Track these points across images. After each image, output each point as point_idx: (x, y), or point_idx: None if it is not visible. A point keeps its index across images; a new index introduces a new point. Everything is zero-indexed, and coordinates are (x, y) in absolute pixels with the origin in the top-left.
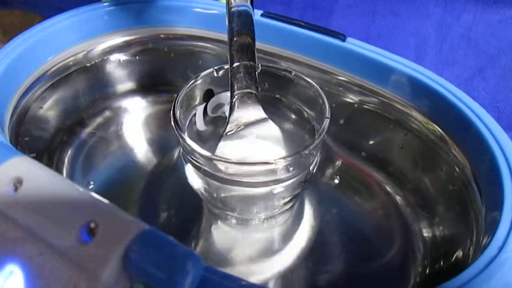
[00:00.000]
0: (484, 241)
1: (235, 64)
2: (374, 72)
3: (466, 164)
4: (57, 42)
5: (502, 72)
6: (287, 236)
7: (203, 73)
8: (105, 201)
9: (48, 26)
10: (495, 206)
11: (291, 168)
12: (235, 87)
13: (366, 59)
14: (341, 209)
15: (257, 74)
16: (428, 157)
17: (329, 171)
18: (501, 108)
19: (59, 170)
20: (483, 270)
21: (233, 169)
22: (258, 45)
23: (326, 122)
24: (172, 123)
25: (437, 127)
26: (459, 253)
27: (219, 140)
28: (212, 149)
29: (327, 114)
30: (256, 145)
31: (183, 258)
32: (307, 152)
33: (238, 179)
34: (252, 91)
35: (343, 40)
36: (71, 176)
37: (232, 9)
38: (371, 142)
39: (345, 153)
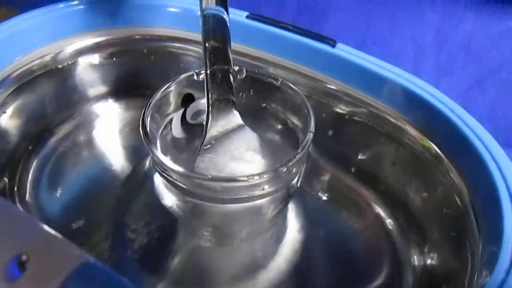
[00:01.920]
0: (481, 278)
1: (209, 69)
2: (364, 81)
3: (463, 187)
4: (23, 42)
5: (501, 86)
6: (268, 256)
7: (181, 77)
8: (42, 227)
9: (14, 24)
10: (493, 238)
11: (270, 184)
12: (211, 93)
13: (356, 67)
14: (327, 228)
15: (239, 80)
16: (422, 176)
17: (316, 186)
18: (499, 123)
19: (22, 180)
20: None
21: (208, 185)
22: (243, 48)
23: (310, 136)
24: (141, 132)
25: (432, 144)
26: None
27: (196, 152)
28: (188, 159)
29: (311, 127)
30: (234, 157)
31: None
32: (286, 168)
33: (214, 196)
34: (229, 97)
35: (333, 46)
36: (36, 186)
37: (205, 12)
38: (361, 157)
39: (333, 167)
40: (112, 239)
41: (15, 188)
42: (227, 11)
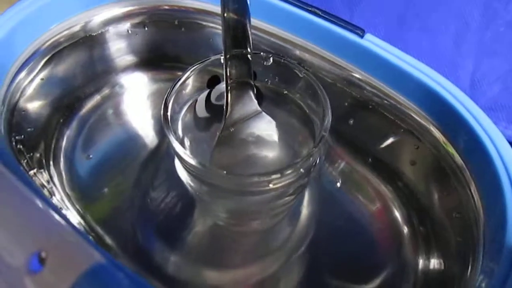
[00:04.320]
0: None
1: (229, 54)
2: (389, 75)
3: (478, 200)
4: (56, 11)
5: None
6: (279, 239)
7: (211, 58)
8: (62, 224)
9: None
10: (494, 256)
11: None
12: (230, 77)
13: (382, 60)
14: (338, 215)
15: (265, 66)
16: (439, 179)
17: (331, 172)
18: None
19: (58, 145)
20: None
21: (223, 180)
22: (271, 28)
23: (323, 137)
24: (162, 117)
25: (455, 152)
26: None
27: (216, 134)
28: (209, 140)
29: (324, 129)
30: (252, 145)
31: None
32: (301, 163)
33: (230, 188)
34: (247, 81)
35: (361, 36)
36: (71, 150)
37: None
38: (379, 149)
39: (351, 156)
40: (132, 208)
41: (50, 158)
42: None
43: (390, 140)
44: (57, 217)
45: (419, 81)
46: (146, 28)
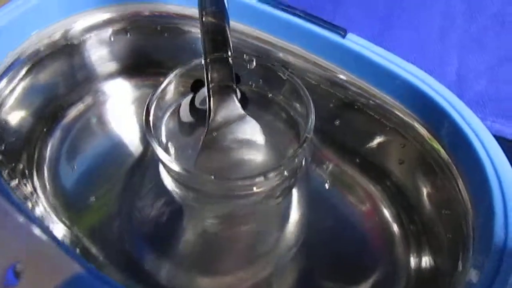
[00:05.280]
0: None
1: (209, 58)
2: (373, 74)
3: (467, 196)
4: (37, 19)
5: None
6: (269, 243)
7: (193, 63)
8: (38, 236)
9: (24, 2)
10: (483, 249)
11: (272, 180)
12: (211, 81)
13: (365, 60)
14: (328, 217)
15: (249, 69)
16: (426, 175)
17: (320, 174)
18: None
19: (39, 161)
20: None
21: (207, 185)
22: (253, 31)
23: (307, 138)
24: (144, 123)
25: (441, 148)
26: None
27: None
28: (194, 145)
29: (308, 130)
30: (236, 149)
31: None
32: (286, 164)
33: (216, 193)
34: (229, 84)
35: (343, 36)
36: (55, 160)
37: None
38: (366, 149)
39: (338, 157)
40: (120, 217)
41: (34, 169)
42: None
43: (377, 140)
44: (35, 229)
45: (402, 78)
46: (129, 35)
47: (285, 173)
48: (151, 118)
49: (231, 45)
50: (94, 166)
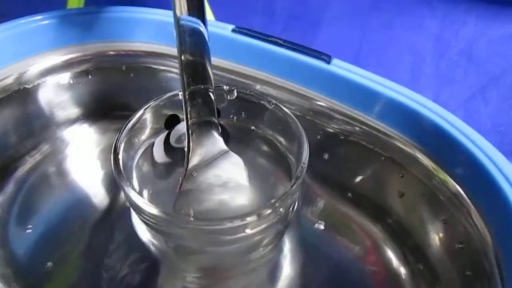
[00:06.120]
0: None
1: (188, 91)
2: (364, 100)
3: (483, 226)
4: None
5: (505, 93)
6: None
7: (162, 97)
8: None
9: None
10: None
11: (260, 222)
12: (191, 117)
13: (355, 85)
14: (325, 263)
15: (229, 101)
16: (432, 207)
17: (313, 215)
18: (503, 132)
19: None
20: None
21: (190, 230)
22: (229, 65)
23: (303, 169)
24: (112, 165)
25: (449, 178)
26: None
27: (179, 181)
28: (171, 189)
29: (304, 159)
30: (219, 188)
31: None
32: (276, 205)
33: (198, 239)
34: (211, 120)
35: (328, 62)
36: (5, 221)
37: (181, 24)
38: (360, 183)
39: (330, 194)
40: (85, 281)
41: None
42: (204, 23)
43: (370, 171)
44: None
45: (398, 103)
46: (90, 76)
47: (281, 210)
48: (120, 159)
49: (212, 77)
50: (52, 225)
